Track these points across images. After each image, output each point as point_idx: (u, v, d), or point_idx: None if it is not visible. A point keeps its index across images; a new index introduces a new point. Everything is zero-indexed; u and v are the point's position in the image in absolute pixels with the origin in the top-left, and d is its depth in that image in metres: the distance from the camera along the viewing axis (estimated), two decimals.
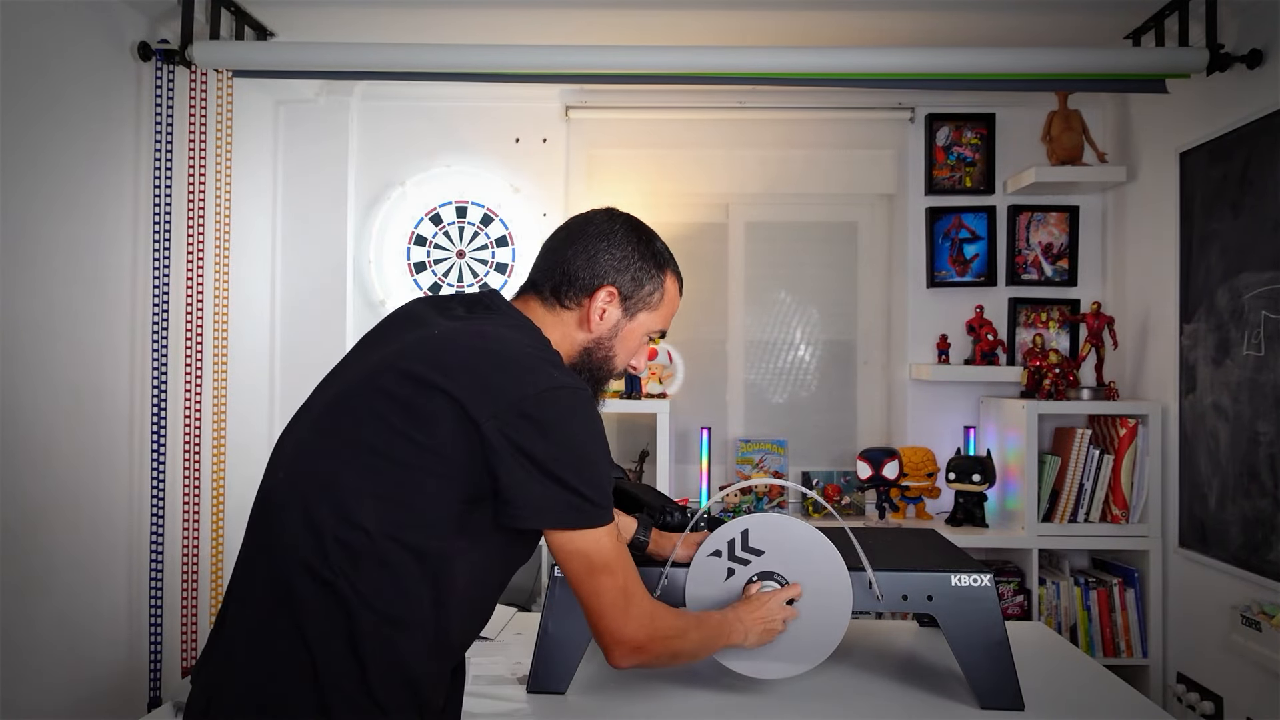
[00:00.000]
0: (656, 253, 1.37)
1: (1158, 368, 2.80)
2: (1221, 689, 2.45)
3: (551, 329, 1.30)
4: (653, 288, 1.35)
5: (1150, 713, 1.43)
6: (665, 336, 1.48)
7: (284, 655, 1.08)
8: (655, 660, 1.26)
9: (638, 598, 1.22)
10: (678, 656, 1.32)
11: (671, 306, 1.39)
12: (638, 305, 1.34)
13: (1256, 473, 2.29)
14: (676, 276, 1.40)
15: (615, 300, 1.32)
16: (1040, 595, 2.83)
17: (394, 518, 1.10)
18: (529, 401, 1.12)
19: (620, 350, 1.35)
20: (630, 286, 1.33)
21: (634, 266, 1.33)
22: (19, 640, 1.96)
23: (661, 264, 1.36)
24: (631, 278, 1.33)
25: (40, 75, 2.04)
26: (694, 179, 3.24)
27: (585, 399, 1.18)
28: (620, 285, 1.32)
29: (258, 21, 2.55)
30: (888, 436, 3.29)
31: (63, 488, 2.10)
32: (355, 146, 3.17)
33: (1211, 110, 2.50)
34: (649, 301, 1.35)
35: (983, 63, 2.38)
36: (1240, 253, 2.37)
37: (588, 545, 1.17)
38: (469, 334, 1.20)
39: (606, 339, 1.33)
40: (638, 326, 1.35)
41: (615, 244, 1.34)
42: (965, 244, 3.17)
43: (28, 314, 2.00)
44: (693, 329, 3.32)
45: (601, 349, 1.33)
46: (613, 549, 1.19)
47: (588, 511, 1.15)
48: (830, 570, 1.41)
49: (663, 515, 1.61)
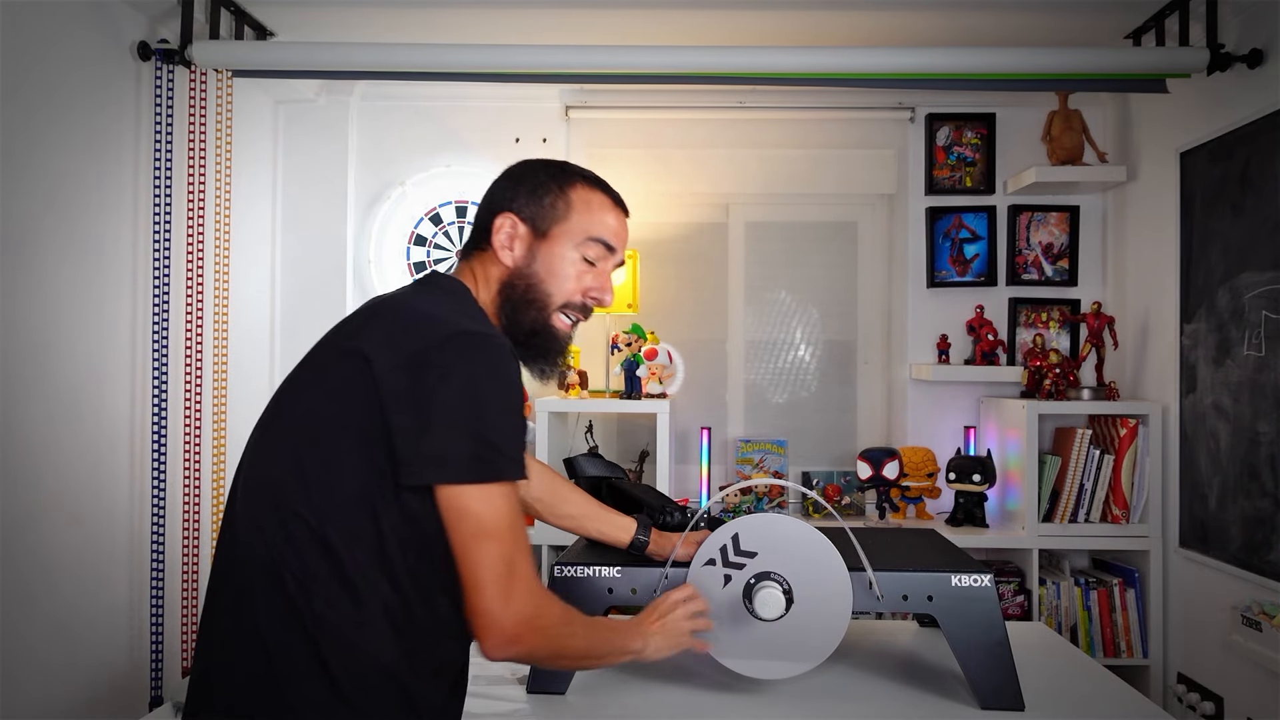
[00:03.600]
0: (556, 169, 1.29)
1: (1158, 368, 2.80)
2: (1222, 689, 2.45)
3: (478, 286, 1.26)
4: (553, 198, 1.25)
5: (1151, 713, 1.43)
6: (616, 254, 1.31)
7: (245, 652, 1.06)
8: (533, 654, 1.13)
9: (524, 578, 1.08)
10: (561, 657, 1.19)
11: (595, 214, 1.27)
12: (545, 222, 1.25)
13: (1257, 473, 2.29)
14: (594, 185, 1.30)
15: (515, 222, 1.25)
16: (1040, 595, 2.83)
17: (325, 501, 1.06)
18: (432, 349, 1.06)
19: (546, 274, 1.25)
20: (529, 207, 1.25)
21: (525, 187, 1.26)
22: (19, 640, 1.96)
23: (559, 175, 1.28)
24: (525, 199, 1.25)
25: (40, 75, 2.04)
26: (694, 179, 3.24)
27: (496, 346, 1.09)
28: (515, 208, 1.25)
29: (257, 21, 2.55)
30: (888, 436, 3.29)
31: (63, 487, 2.10)
32: (355, 146, 3.17)
33: (1212, 110, 2.50)
34: (555, 214, 1.25)
35: (983, 63, 2.38)
36: (1241, 252, 2.37)
37: (478, 504, 1.06)
38: (390, 299, 1.19)
39: (524, 266, 1.24)
40: (556, 243, 1.25)
41: (508, 177, 1.30)
42: (965, 244, 3.17)
43: (28, 314, 2.00)
44: (693, 329, 3.32)
45: (523, 278, 1.24)
46: (507, 514, 1.07)
47: (483, 463, 1.05)
48: (830, 570, 1.41)
49: (663, 515, 1.61)
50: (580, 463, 1.88)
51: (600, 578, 1.48)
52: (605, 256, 1.29)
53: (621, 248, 1.32)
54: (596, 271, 1.29)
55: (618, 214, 1.31)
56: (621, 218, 1.32)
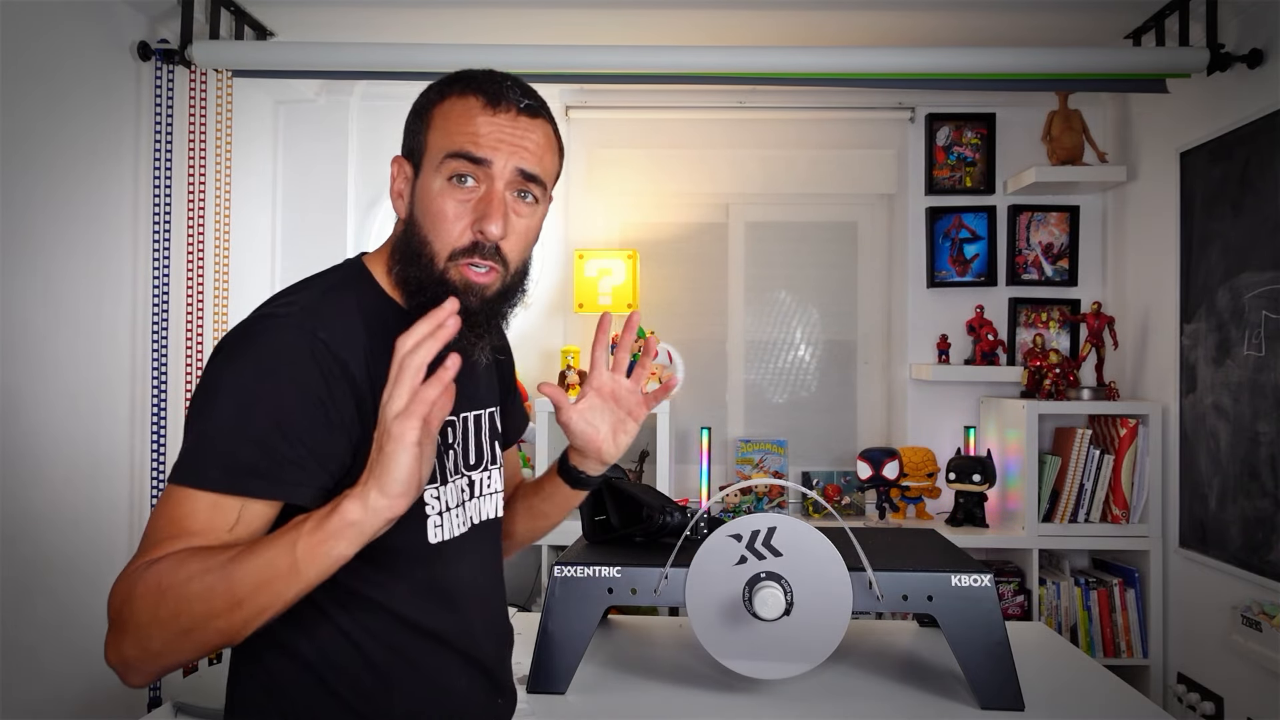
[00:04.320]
0: (429, 91, 1.09)
1: (1158, 368, 2.80)
2: (1222, 689, 2.45)
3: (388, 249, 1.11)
4: (418, 126, 1.07)
5: (1151, 713, 1.43)
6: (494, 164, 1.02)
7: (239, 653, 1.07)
8: (136, 633, 0.87)
9: (127, 569, 0.90)
10: (166, 622, 0.86)
11: (454, 124, 1.03)
12: (416, 156, 1.06)
13: (1257, 473, 2.29)
14: (462, 90, 1.05)
15: (401, 166, 1.09)
16: (1040, 595, 2.83)
17: None
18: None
19: (423, 216, 1.04)
20: (407, 145, 1.08)
21: (410, 118, 1.09)
22: (19, 640, 1.96)
23: (425, 95, 1.08)
24: (407, 131, 1.08)
25: (40, 75, 2.04)
26: (694, 179, 3.24)
27: (265, 327, 0.96)
28: (405, 149, 1.09)
29: (257, 21, 2.55)
30: (888, 436, 3.29)
31: (63, 487, 2.10)
32: (355, 146, 3.17)
33: (1212, 110, 2.50)
34: (419, 142, 1.06)
35: (983, 63, 2.38)
36: (1241, 252, 2.37)
37: (159, 503, 0.92)
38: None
39: (410, 215, 1.06)
40: (424, 177, 1.04)
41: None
42: (965, 244, 3.17)
43: (28, 314, 2.00)
44: (693, 329, 3.32)
45: (408, 229, 1.06)
46: (179, 522, 0.89)
47: (182, 461, 0.91)
48: (830, 570, 1.41)
49: (663, 515, 1.61)
50: None
51: (600, 577, 1.48)
52: (474, 169, 1.02)
53: (505, 152, 1.02)
54: (473, 194, 1.02)
55: (488, 112, 1.02)
56: (494, 115, 1.02)
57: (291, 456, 0.93)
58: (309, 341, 0.95)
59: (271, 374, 0.93)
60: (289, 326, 0.96)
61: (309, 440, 0.94)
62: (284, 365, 0.94)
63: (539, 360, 3.15)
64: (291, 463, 0.93)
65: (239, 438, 0.91)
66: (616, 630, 1.76)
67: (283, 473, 0.92)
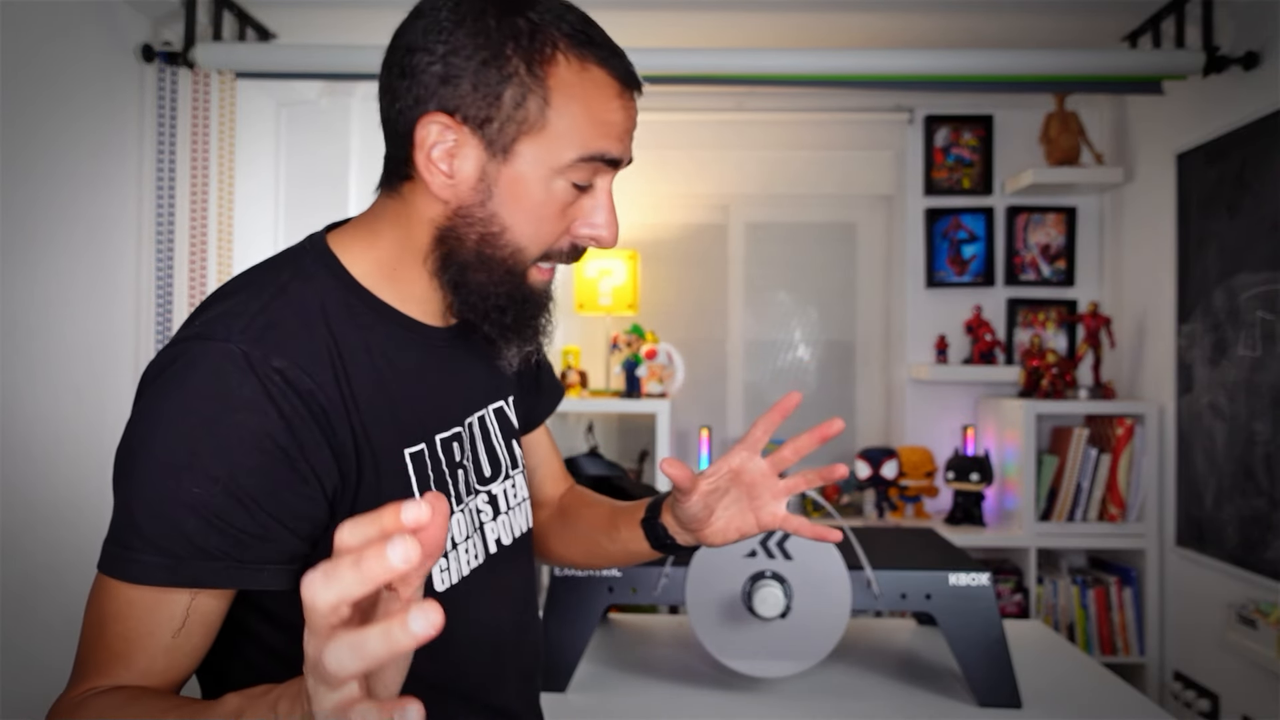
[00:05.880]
0: (516, 22, 0.74)
1: (1155, 368, 2.82)
2: (1218, 687, 2.47)
3: (393, 226, 0.82)
4: (523, 89, 0.74)
5: (1147, 711, 1.44)
6: (622, 165, 0.81)
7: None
8: None
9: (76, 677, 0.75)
10: None
11: (593, 110, 0.77)
12: (509, 130, 0.75)
13: (1253, 472, 2.31)
14: (586, 50, 0.77)
15: (456, 129, 0.75)
16: (1038, 594, 2.84)
17: None
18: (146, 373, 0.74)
19: (511, 217, 0.77)
20: (473, 100, 0.74)
21: (474, 61, 0.73)
22: (20, 640, 1.97)
23: (527, 40, 0.74)
24: (472, 84, 0.74)
25: (43, 77, 2.05)
26: (694, 179, 3.25)
27: (198, 358, 0.70)
28: (455, 102, 0.74)
29: (260, 23, 2.56)
30: (887, 436, 3.31)
31: (64, 487, 2.11)
32: (357, 148, 3.18)
33: (1208, 112, 2.51)
34: (525, 116, 0.75)
35: (981, 64, 2.39)
36: (1237, 253, 2.39)
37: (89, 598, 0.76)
38: None
39: (473, 203, 0.77)
40: (527, 164, 0.76)
41: (442, 35, 0.74)
42: (963, 244, 3.18)
43: (30, 315, 2.01)
44: (693, 329, 3.33)
45: (472, 226, 0.78)
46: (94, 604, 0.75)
47: (108, 545, 0.74)
48: (829, 569, 1.42)
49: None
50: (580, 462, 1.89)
51: (600, 577, 1.49)
52: (607, 172, 0.81)
53: (630, 143, 0.83)
54: (593, 195, 0.82)
55: (624, 98, 0.81)
56: (630, 100, 0.82)
57: (251, 529, 0.70)
58: (261, 377, 0.71)
59: (214, 421, 0.69)
60: (230, 355, 0.71)
61: (271, 504, 0.71)
62: (230, 410, 0.69)
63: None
64: (253, 536, 0.70)
65: (177, 508, 0.69)
66: (617, 629, 1.77)
67: (243, 551, 0.70)
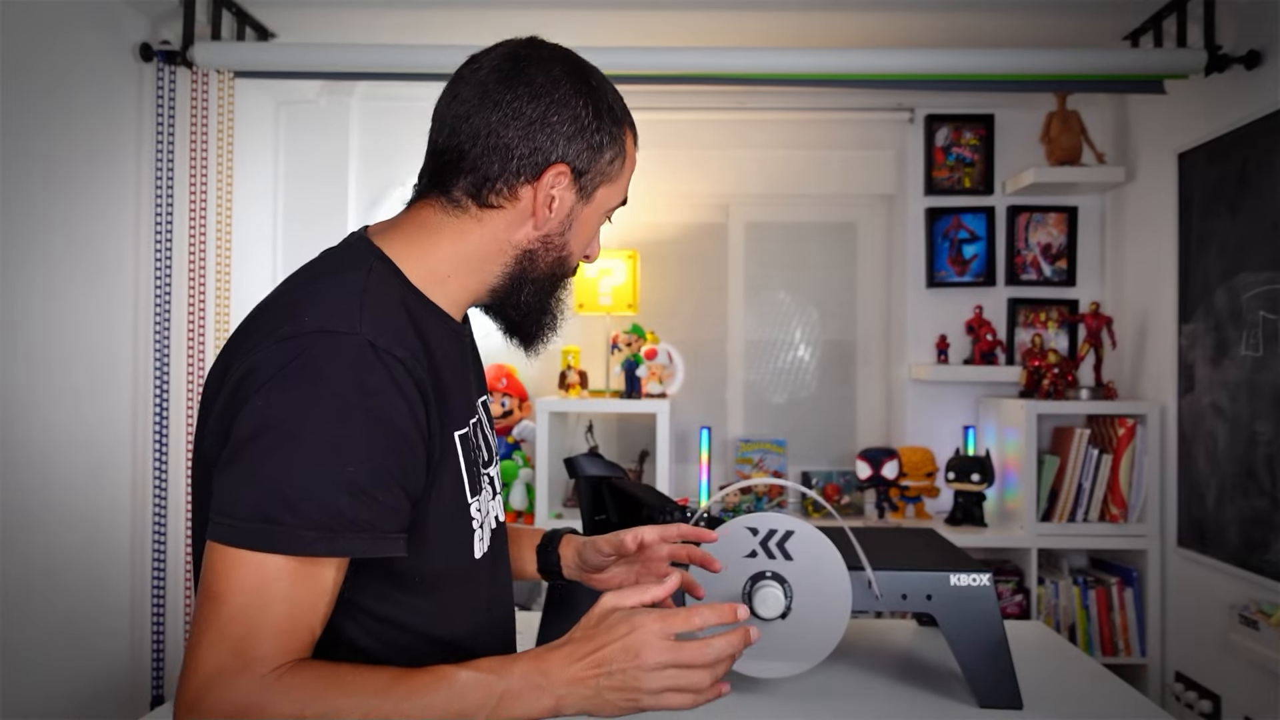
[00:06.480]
0: (612, 103, 0.99)
1: (1156, 368, 2.81)
2: (1219, 688, 2.46)
3: (455, 240, 0.96)
4: (614, 153, 0.99)
5: (1149, 712, 1.44)
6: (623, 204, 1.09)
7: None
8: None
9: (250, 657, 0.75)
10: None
11: (632, 170, 1.06)
12: (595, 180, 0.98)
13: (1254, 472, 2.30)
14: (633, 129, 1.05)
15: (567, 180, 0.96)
16: (1039, 594, 2.84)
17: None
18: (245, 367, 0.81)
19: (575, 245, 1.01)
20: (586, 157, 0.96)
21: (589, 129, 0.96)
22: (21, 639, 1.97)
23: (619, 117, 1.00)
24: (587, 145, 0.96)
25: (42, 77, 2.04)
26: (694, 179, 3.25)
27: (332, 350, 0.80)
28: (573, 158, 0.95)
29: (259, 22, 2.55)
30: (887, 436, 3.30)
31: (64, 487, 2.11)
32: (356, 147, 3.18)
33: (1210, 111, 2.51)
34: (608, 172, 0.99)
35: (982, 64, 2.39)
36: (1238, 253, 2.38)
37: (215, 557, 0.77)
38: (276, 289, 0.94)
39: (556, 234, 0.98)
40: (596, 208, 1.01)
41: (559, 100, 0.95)
42: (964, 244, 3.17)
43: (29, 315, 2.01)
44: (693, 329, 3.32)
45: (551, 250, 0.99)
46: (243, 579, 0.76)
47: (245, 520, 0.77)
48: (830, 569, 1.42)
49: (662, 515, 1.62)
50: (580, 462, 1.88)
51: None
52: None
53: None
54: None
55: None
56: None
57: (390, 502, 0.81)
58: (388, 365, 0.82)
59: (355, 406, 0.79)
60: (361, 346, 0.81)
61: (403, 479, 0.82)
62: (367, 395, 0.80)
63: (538, 360, 3.15)
64: (390, 509, 0.81)
65: (331, 487, 0.77)
66: None
67: (385, 521, 0.80)
